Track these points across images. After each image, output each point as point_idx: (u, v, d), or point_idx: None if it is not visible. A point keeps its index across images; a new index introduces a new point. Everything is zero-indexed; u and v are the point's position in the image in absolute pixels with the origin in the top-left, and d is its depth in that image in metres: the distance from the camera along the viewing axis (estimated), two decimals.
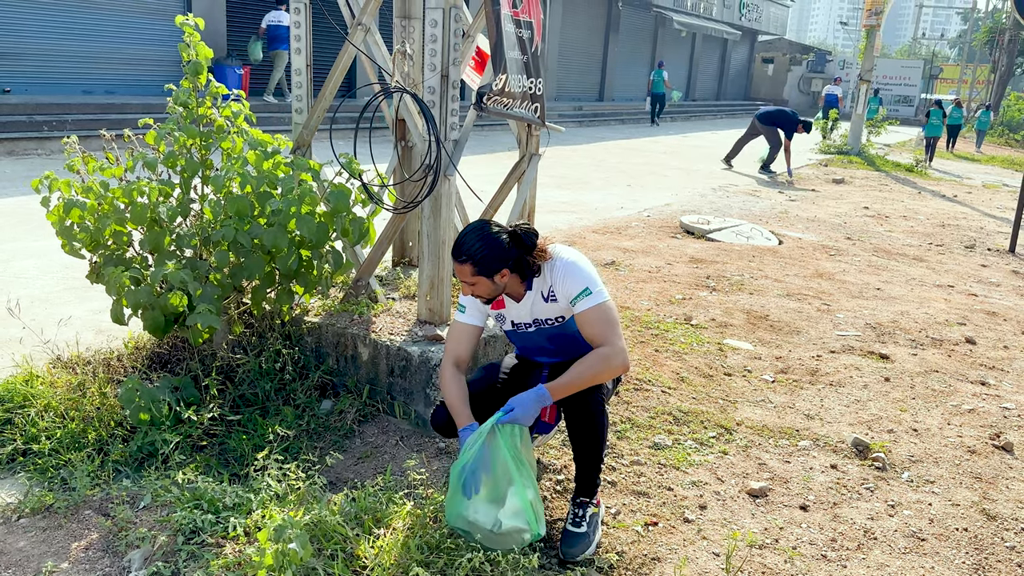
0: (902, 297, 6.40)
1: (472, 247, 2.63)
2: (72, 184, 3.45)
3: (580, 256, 2.78)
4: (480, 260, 2.63)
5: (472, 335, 2.88)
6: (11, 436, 3.13)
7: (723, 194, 11.58)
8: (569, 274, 2.70)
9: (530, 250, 2.69)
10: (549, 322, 2.82)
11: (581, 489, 2.79)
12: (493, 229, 2.68)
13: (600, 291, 2.68)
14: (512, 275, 2.71)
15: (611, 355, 2.61)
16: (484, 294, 2.74)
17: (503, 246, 2.64)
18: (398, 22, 4.06)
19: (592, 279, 2.69)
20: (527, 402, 2.59)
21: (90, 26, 13.62)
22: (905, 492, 3.33)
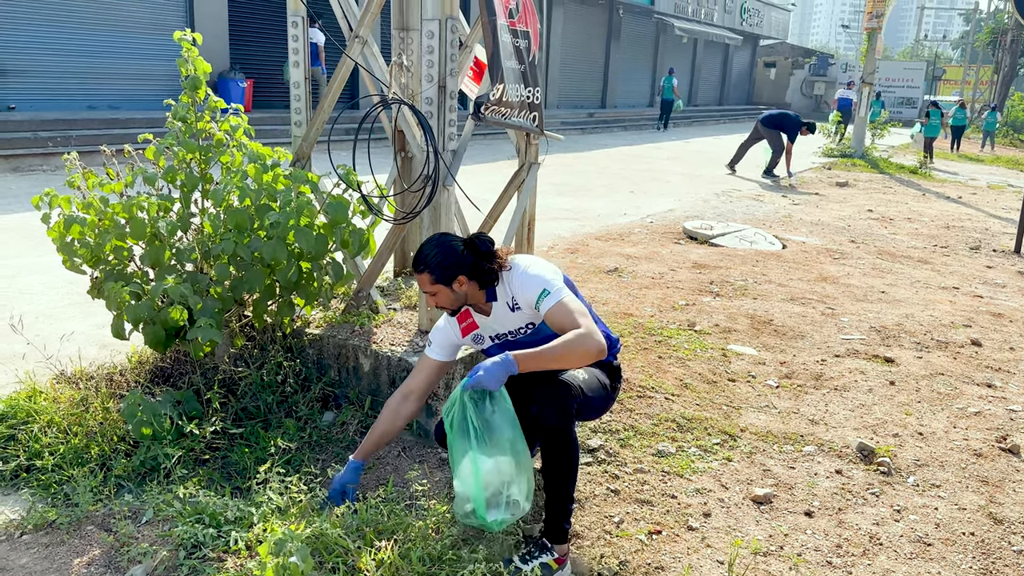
0: (907, 300, 6.38)
1: (428, 256, 2.70)
2: (72, 200, 3.46)
3: (536, 261, 2.81)
4: (436, 267, 2.69)
5: (433, 369, 2.94)
6: (14, 452, 3.13)
7: (726, 199, 11.57)
8: (525, 280, 2.73)
9: (486, 256, 2.72)
10: (522, 331, 2.83)
11: (545, 529, 2.70)
12: (448, 237, 2.76)
13: (558, 288, 2.68)
14: (470, 283, 2.74)
15: (583, 335, 2.55)
16: (446, 304, 2.78)
17: (458, 253, 2.70)
18: (396, 34, 4.07)
19: (546, 280, 2.70)
20: (492, 366, 2.50)
21: (93, 43, 13.72)
22: (911, 497, 3.31)
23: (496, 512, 2.49)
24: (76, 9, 13.40)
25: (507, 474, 2.50)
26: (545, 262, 2.82)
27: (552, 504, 2.67)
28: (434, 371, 2.95)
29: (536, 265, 2.78)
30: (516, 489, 2.51)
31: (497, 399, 2.53)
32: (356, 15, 3.92)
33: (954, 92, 46.88)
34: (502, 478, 2.49)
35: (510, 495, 2.50)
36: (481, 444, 2.47)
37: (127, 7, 14.09)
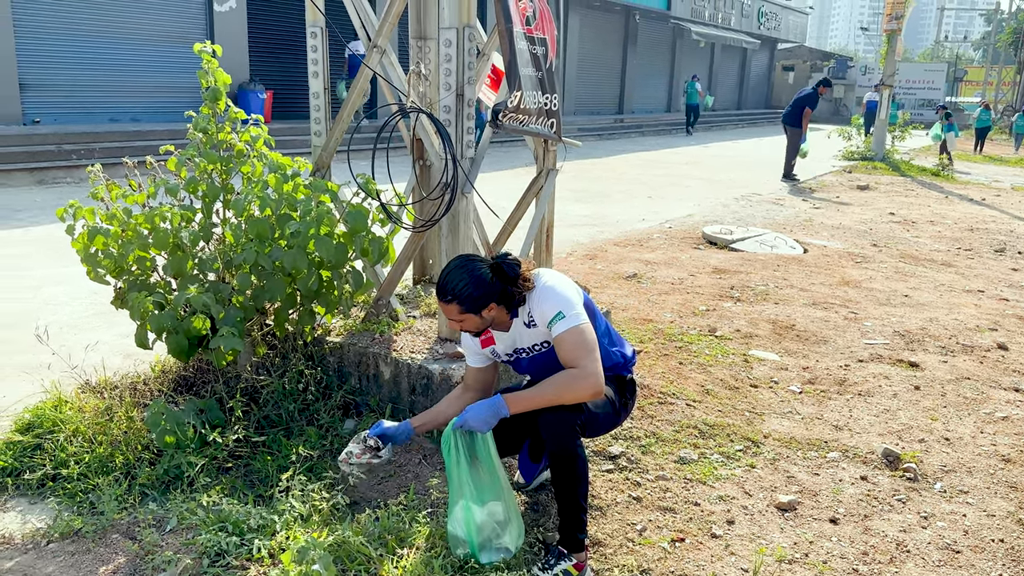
0: (931, 303, 6.30)
1: (456, 287, 2.62)
2: (96, 212, 3.50)
3: (559, 279, 2.75)
4: (466, 299, 2.62)
5: (478, 373, 2.94)
6: (41, 461, 3.17)
7: (746, 203, 11.51)
8: (545, 298, 2.67)
9: (513, 281, 2.67)
10: (536, 348, 2.80)
11: (561, 538, 2.71)
12: (475, 264, 2.67)
13: (575, 314, 2.62)
14: (499, 308, 2.69)
15: (579, 376, 2.56)
16: (472, 329, 2.74)
17: (487, 281, 2.63)
18: (413, 43, 4.10)
19: (567, 302, 2.65)
20: (481, 408, 2.57)
21: (115, 57, 13.91)
22: (938, 503, 3.26)
23: (488, 555, 2.60)
24: (98, 24, 13.60)
25: (498, 519, 2.61)
26: (567, 282, 2.76)
27: (564, 515, 2.68)
28: (481, 373, 2.93)
29: (557, 284, 2.72)
30: (508, 537, 2.63)
31: (486, 440, 2.60)
32: (374, 25, 3.94)
33: (976, 93, 46.41)
34: (493, 526, 2.60)
35: (500, 543, 2.62)
36: (473, 491, 2.57)
37: (148, 21, 14.28)
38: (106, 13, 13.67)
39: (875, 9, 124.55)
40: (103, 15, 13.64)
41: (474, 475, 2.58)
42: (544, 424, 2.62)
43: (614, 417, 2.93)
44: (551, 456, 2.65)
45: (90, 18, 13.48)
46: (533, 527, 2.95)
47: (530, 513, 3.05)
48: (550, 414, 2.61)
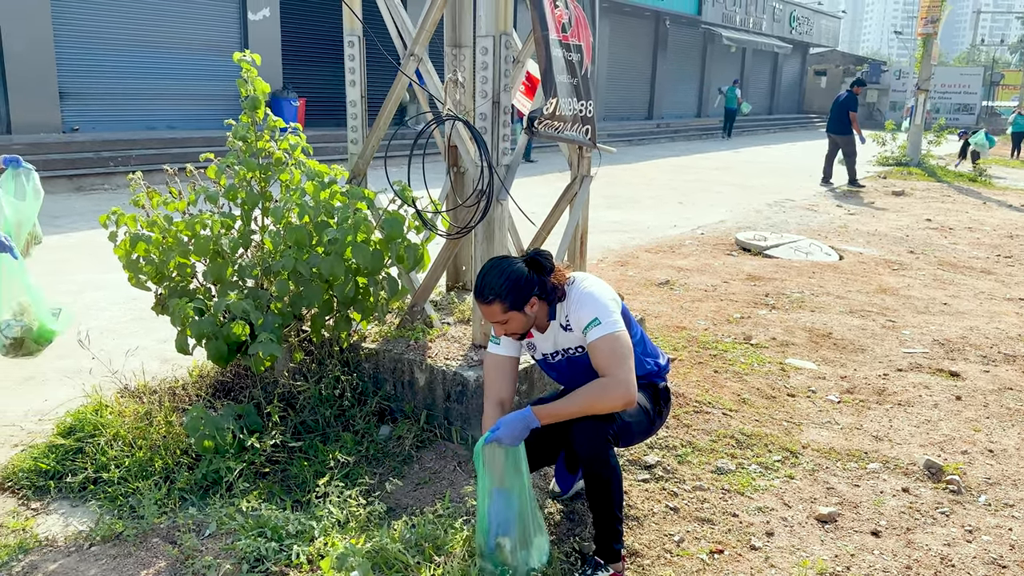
0: (971, 312, 6.19)
1: (496, 285, 2.61)
2: (137, 219, 3.56)
3: (598, 285, 2.73)
4: (508, 294, 2.60)
5: (510, 368, 2.85)
6: (82, 465, 3.21)
7: (779, 209, 11.40)
8: (582, 303, 2.65)
9: (549, 271, 2.66)
10: (570, 351, 2.78)
11: (597, 548, 2.69)
12: (510, 261, 2.68)
13: (611, 321, 2.60)
14: (540, 302, 2.67)
15: (609, 386, 2.53)
16: (518, 329, 2.71)
17: (525, 275, 2.62)
18: (449, 51, 4.11)
19: (603, 308, 2.63)
20: (513, 422, 2.55)
21: (152, 65, 14.15)
22: (983, 516, 3.19)
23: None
24: (135, 34, 13.85)
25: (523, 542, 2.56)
26: (604, 287, 2.74)
27: (600, 526, 2.67)
28: (511, 369, 2.85)
29: (595, 289, 2.70)
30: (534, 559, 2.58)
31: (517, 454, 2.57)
32: (411, 33, 3.96)
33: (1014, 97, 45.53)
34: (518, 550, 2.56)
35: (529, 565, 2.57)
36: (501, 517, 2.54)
37: (184, 30, 14.51)
38: (143, 23, 13.92)
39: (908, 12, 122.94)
40: (140, 25, 13.89)
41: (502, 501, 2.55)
42: (577, 435, 2.60)
43: (648, 426, 2.90)
44: (584, 467, 2.63)
45: (127, 28, 13.73)
46: (569, 536, 2.93)
47: (566, 522, 3.04)
48: (583, 425, 2.59)
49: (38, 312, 3.78)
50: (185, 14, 14.49)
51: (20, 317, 3.72)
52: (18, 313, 3.72)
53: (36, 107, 12.43)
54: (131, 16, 13.73)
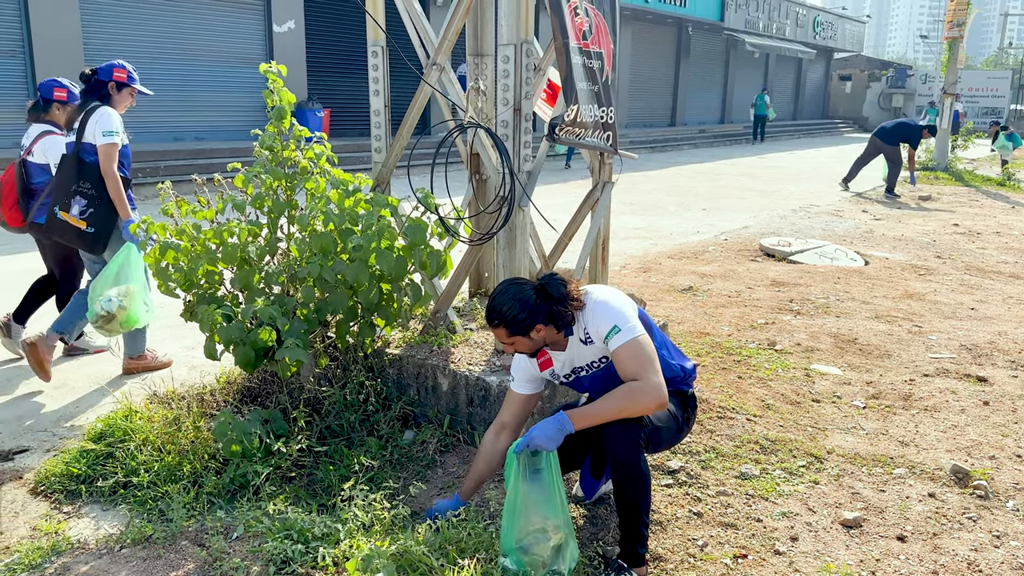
0: (999, 317, 6.11)
1: (501, 310, 2.66)
2: (167, 227, 3.63)
3: (612, 294, 2.75)
4: (511, 321, 2.65)
5: (521, 403, 2.93)
6: (113, 469, 3.28)
7: (804, 215, 11.33)
8: (600, 314, 2.67)
9: (559, 300, 2.66)
10: (595, 365, 2.79)
11: (621, 552, 2.71)
12: (519, 287, 2.70)
13: (631, 327, 2.62)
14: (548, 328, 2.69)
15: (641, 389, 2.55)
16: (525, 350, 2.76)
17: (531, 303, 2.64)
18: (471, 59, 4.16)
19: (621, 315, 2.65)
20: (547, 426, 2.57)
21: (180, 77, 14.38)
22: (1011, 522, 3.15)
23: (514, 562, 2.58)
24: (162, 46, 14.09)
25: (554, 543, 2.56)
26: (619, 295, 2.77)
27: (625, 530, 2.67)
28: (523, 404, 2.94)
29: (610, 298, 2.72)
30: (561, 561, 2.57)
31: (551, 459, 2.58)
32: (433, 43, 4.01)
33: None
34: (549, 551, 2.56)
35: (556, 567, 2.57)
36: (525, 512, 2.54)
37: (210, 43, 14.74)
38: (170, 36, 14.16)
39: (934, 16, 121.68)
40: (167, 38, 14.12)
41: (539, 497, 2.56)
42: (608, 437, 2.62)
43: (676, 432, 2.91)
44: (614, 469, 2.65)
45: (154, 41, 13.97)
46: (592, 540, 2.94)
47: (588, 527, 3.05)
48: (614, 428, 2.60)
49: (136, 300, 4.12)
50: (211, 27, 14.72)
51: (121, 298, 4.05)
52: (122, 294, 4.06)
53: None
54: (158, 30, 13.98)
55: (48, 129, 4.61)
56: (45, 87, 4.68)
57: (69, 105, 4.66)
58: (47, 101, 4.65)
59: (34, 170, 4.55)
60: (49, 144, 4.53)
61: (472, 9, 4.06)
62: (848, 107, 41.47)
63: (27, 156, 4.56)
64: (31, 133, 4.61)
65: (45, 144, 4.54)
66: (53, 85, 4.68)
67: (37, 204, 4.47)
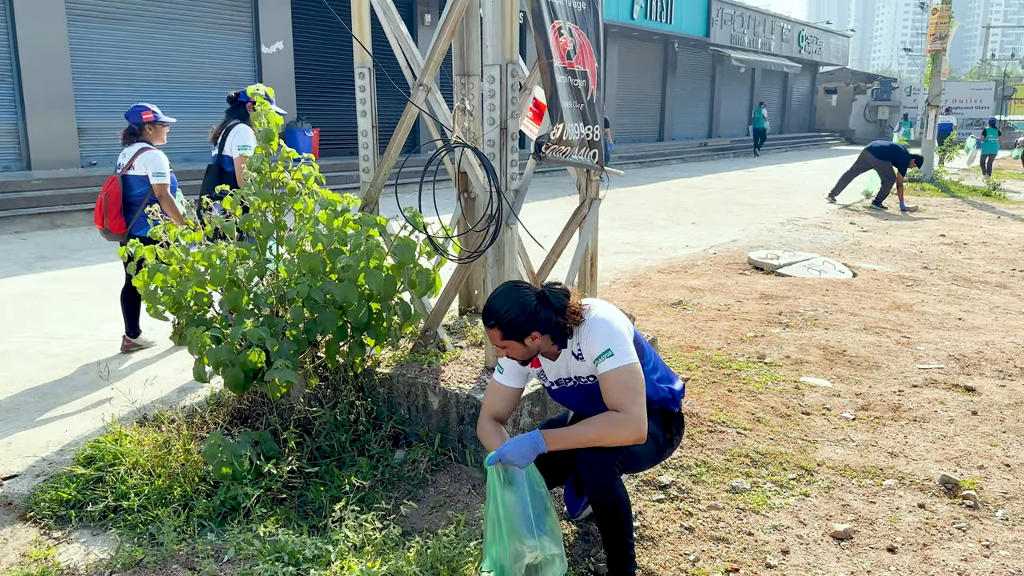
0: (986, 326, 6.16)
1: (499, 312, 2.61)
2: (155, 250, 3.63)
3: (612, 314, 2.70)
4: (508, 324, 2.60)
5: (509, 396, 2.88)
6: (102, 494, 3.26)
7: (792, 228, 11.40)
8: (595, 333, 2.62)
9: (560, 311, 2.62)
10: (583, 380, 2.76)
11: (610, 572, 2.70)
12: (521, 291, 2.65)
13: (624, 352, 2.58)
14: (543, 337, 2.65)
15: (622, 422, 2.52)
16: (518, 356, 2.72)
17: (531, 309, 2.59)
18: (457, 80, 4.19)
19: (616, 339, 2.60)
20: (520, 444, 2.54)
21: (168, 99, 14.36)
22: (1000, 531, 3.17)
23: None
24: (151, 69, 14.11)
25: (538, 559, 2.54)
26: (618, 316, 2.72)
27: (611, 552, 2.68)
28: (510, 397, 2.88)
29: (609, 318, 2.67)
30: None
31: (527, 474, 2.57)
32: (420, 64, 4.04)
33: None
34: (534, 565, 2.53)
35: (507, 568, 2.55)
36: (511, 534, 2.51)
37: (199, 65, 14.77)
38: (159, 59, 14.19)
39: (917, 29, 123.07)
40: (156, 61, 14.15)
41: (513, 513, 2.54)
42: (582, 464, 2.61)
43: (656, 455, 2.90)
44: (591, 495, 2.64)
45: (143, 63, 13.99)
46: (584, 557, 2.94)
47: (580, 543, 3.05)
48: (589, 454, 2.59)
49: None
50: (200, 49, 14.75)
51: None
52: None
53: (55, 143, 12.67)
54: (147, 52, 14.00)
55: (145, 146, 5.22)
56: (133, 113, 5.29)
57: (158, 123, 5.36)
58: (139, 125, 5.27)
59: (134, 182, 5.13)
60: (149, 158, 5.15)
61: (458, 30, 4.10)
62: (834, 120, 41.80)
63: (128, 171, 5.13)
64: (128, 152, 5.20)
65: (145, 158, 5.14)
66: (140, 110, 5.30)
67: (136, 217, 5.07)
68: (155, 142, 5.32)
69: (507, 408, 2.88)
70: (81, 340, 5.60)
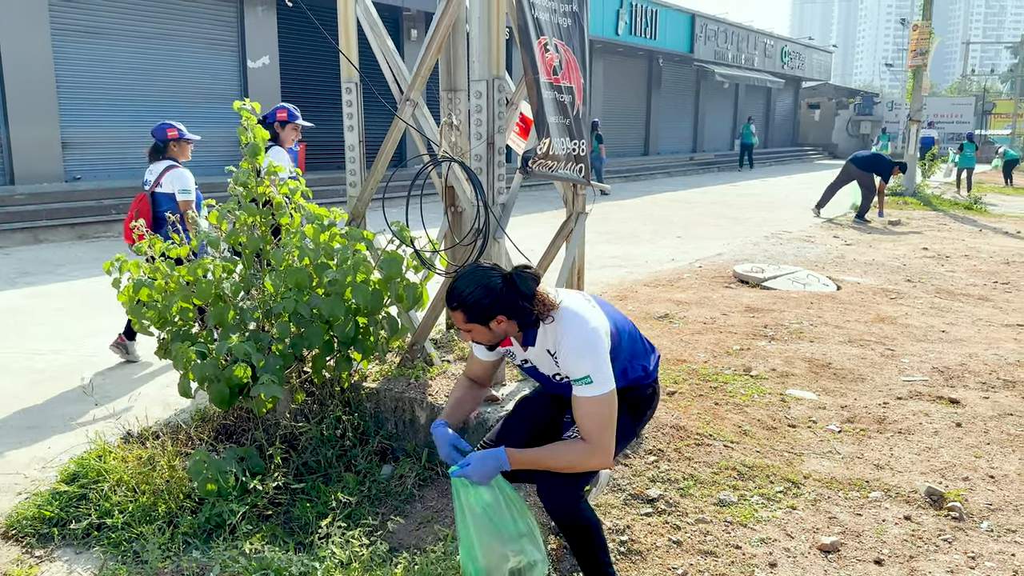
0: (969, 339, 6.21)
1: (463, 293, 2.47)
2: (140, 265, 3.61)
3: (585, 313, 2.54)
4: (472, 306, 2.47)
5: (484, 367, 2.84)
6: (86, 511, 3.22)
7: (776, 241, 11.47)
8: (575, 354, 2.47)
9: (527, 297, 2.48)
10: (557, 377, 2.64)
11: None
12: (487, 272, 2.52)
13: (602, 379, 2.44)
14: (510, 322, 2.51)
15: (591, 453, 2.45)
16: (483, 340, 2.59)
17: (496, 291, 2.45)
18: (444, 95, 4.21)
19: (596, 364, 2.45)
20: (484, 461, 2.47)
21: (154, 114, 14.31)
22: (986, 543, 3.19)
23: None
24: (136, 83, 14.07)
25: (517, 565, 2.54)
26: (592, 316, 2.56)
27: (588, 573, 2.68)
28: (486, 367, 2.83)
29: (582, 320, 2.52)
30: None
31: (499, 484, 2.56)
32: (407, 79, 4.06)
33: (1007, 126, 45.97)
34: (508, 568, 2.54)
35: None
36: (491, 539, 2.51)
37: (184, 79, 14.74)
38: (144, 73, 14.15)
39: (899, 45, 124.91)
40: (141, 75, 14.11)
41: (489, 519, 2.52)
42: (544, 494, 2.58)
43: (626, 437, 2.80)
44: (557, 525, 2.63)
45: (128, 78, 13.95)
46: (574, 572, 2.93)
47: (569, 557, 3.04)
48: (549, 485, 2.54)
49: None
50: (185, 64, 14.73)
51: None
52: None
53: (38, 158, 12.59)
54: (132, 67, 13.97)
55: (171, 164, 5.36)
56: (159, 131, 5.42)
57: (183, 140, 5.47)
58: (164, 142, 5.41)
59: (162, 199, 5.25)
60: (176, 176, 5.30)
61: (445, 46, 4.12)
62: (817, 134, 42.24)
63: (156, 188, 5.28)
64: (155, 169, 5.36)
65: (172, 176, 5.29)
66: (165, 127, 5.42)
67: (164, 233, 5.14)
68: (180, 159, 5.42)
69: (486, 373, 2.85)
70: (64, 355, 5.56)
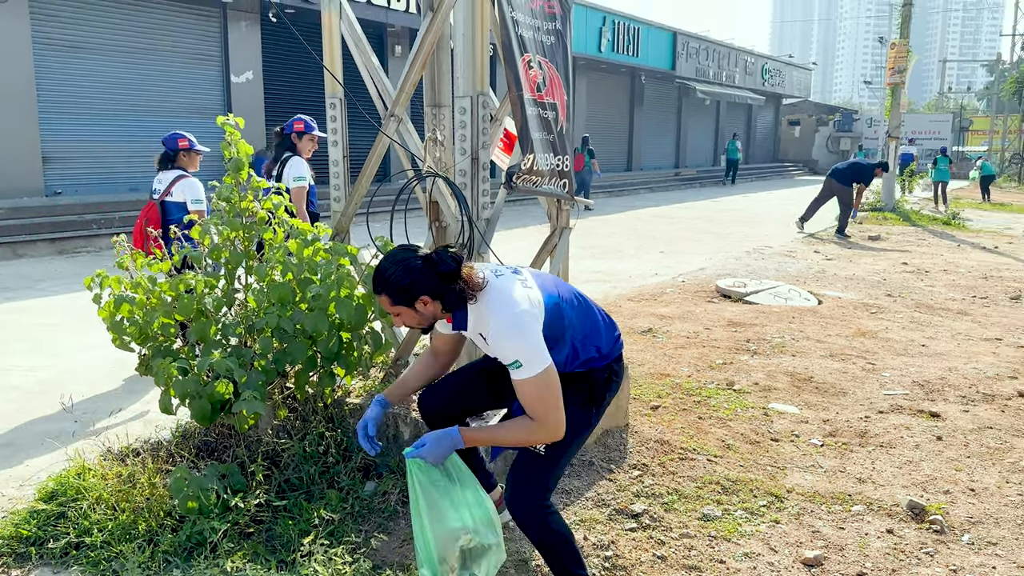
0: (949, 352, 6.28)
1: (384, 276, 2.49)
2: (122, 280, 3.59)
3: (510, 293, 2.48)
4: (394, 289, 2.47)
5: (446, 340, 2.86)
6: (64, 530, 3.18)
7: (758, 256, 11.56)
8: (501, 337, 2.44)
9: (448, 276, 2.45)
10: (493, 359, 2.65)
11: None
12: (407, 254, 2.52)
13: (533, 359, 2.39)
14: (433, 303, 2.50)
15: (538, 430, 2.46)
16: (413, 324, 2.60)
17: (417, 271, 2.45)
18: (429, 110, 4.22)
19: (524, 347, 2.40)
20: (439, 440, 2.52)
21: (135, 128, 14.28)
22: (967, 555, 3.21)
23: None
24: (118, 97, 14.01)
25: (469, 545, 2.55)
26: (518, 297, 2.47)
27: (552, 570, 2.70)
28: (449, 342, 2.86)
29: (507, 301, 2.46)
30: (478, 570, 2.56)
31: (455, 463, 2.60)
32: (391, 95, 4.07)
33: (983, 142, 46.66)
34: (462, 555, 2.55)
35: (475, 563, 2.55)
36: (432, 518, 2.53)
37: (167, 94, 14.70)
38: (127, 88, 14.10)
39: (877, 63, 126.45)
40: (123, 89, 14.06)
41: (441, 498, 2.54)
42: (511, 502, 2.62)
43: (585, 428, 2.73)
44: (529, 538, 2.65)
45: (110, 92, 13.89)
46: None
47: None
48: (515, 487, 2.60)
49: None
50: (169, 78, 14.69)
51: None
52: None
53: (18, 172, 12.49)
54: (115, 82, 13.91)
55: (181, 173, 5.40)
56: (170, 140, 5.45)
57: (192, 151, 5.49)
58: (174, 152, 5.42)
59: (172, 208, 5.30)
60: (186, 185, 5.35)
61: (429, 62, 4.14)
62: (798, 151, 42.70)
63: (166, 197, 5.31)
64: (164, 178, 5.38)
65: (184, 186, 5.34)
66: (176, 137, 5.46)
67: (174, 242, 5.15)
68: (189, 169, 5.45)
69: (447, 346, 2.89)
70: (44, 371, 5.49)
